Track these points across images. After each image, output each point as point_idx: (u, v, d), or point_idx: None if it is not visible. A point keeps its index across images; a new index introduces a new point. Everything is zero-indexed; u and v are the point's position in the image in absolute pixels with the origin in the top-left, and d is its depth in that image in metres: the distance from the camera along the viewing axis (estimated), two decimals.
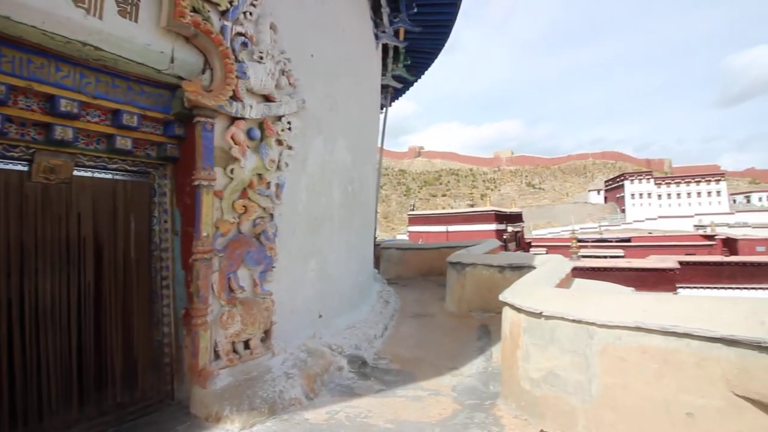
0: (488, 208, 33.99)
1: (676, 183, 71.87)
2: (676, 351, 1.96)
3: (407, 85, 10.14)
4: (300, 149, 3.88)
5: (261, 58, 3.45)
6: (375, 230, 9.39)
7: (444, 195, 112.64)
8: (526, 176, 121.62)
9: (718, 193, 68.49)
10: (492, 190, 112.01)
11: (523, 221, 39.87)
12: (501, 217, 32.08)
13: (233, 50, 3.19)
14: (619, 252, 29.50)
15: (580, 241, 32.90)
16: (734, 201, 71.18)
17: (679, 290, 18.35)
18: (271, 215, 3.49)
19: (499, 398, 2.88)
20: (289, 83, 3.75)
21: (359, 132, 5.50)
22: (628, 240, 34.82)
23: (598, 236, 41.41)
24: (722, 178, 70.42)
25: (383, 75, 8.39)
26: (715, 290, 18.74)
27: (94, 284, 2.76)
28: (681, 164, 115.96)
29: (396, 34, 7.47)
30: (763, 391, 1.76)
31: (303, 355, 3.54)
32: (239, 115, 3.23)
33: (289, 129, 3.70)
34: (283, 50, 3.69)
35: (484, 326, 4.98)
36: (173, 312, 3.16)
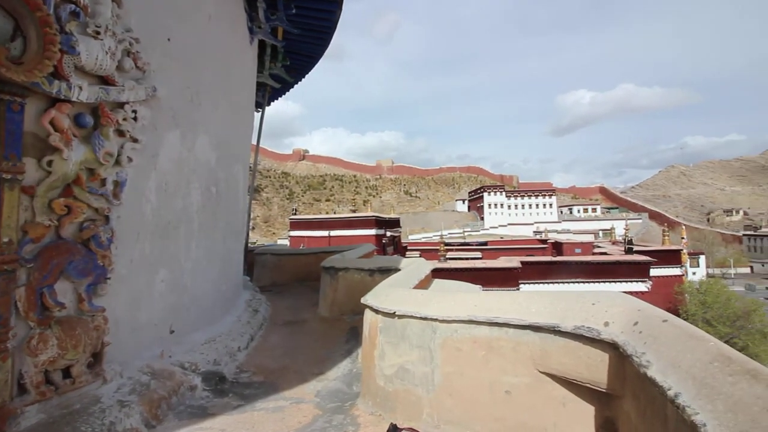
0: (369, 213, 35.18)
1: (521, 196, 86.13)
2: (498, 338, 2.30)
3: (287, 86, 9.89)
4: (149, 143, 3.41)
5: (97, 33, 2.93)
6: (247, 235, 8.85)
7: (328, 200, 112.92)
8: (405, 185, 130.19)
9: (551, 205, 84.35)
10: (374, 196, 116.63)
11: (400, 227, 42.48)
12: (381, 223, 33.54)
13: (58, 19, 2.64)
14: (478, 254, 33.68)
15: (447, 245, 36.53)
16: (561, 212, 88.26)
17: (521, 286, 21.82)
18: (106, 218, 2.98)
19: (359, 398, 2.98)
20: (137, 66, 3.27)
21: (228, 129, 5.13)
22: (485, 244, 40.01)
23: (462, 240, 46.70)
24: (553, 194, 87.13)
25: (260, 73, 8.02)
26: (547, 285, 22.79)
27: None
28: (525, 180, 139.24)
29: (274, 32, 7.22)
30: (557, 367, 2.18)
31: (145, 378, 3.09)
32: (63, 97, 2.68)
33: (134, 119, 3.22)
34: (129, 28, 3.21)
35: (353, 329, 5.10)
36: None
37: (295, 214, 34.22)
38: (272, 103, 10.77)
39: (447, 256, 27.38)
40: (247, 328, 4.98)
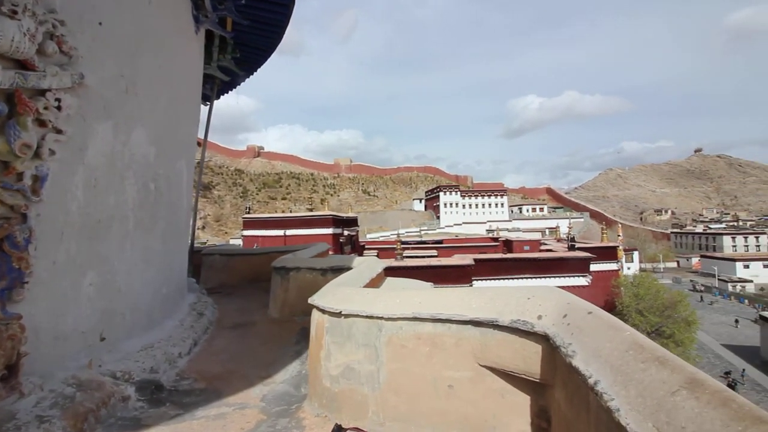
0: (326, 212, 34.80)
1: (475, 196, 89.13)
2: (441, 334, 2.35)
3: (237, 79, 9.52)
4: (77, 135, 3.14)
5: (14, 12, 2.64)
6: (193, 234, 8.43)
7: (284, 198, 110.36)
8: (363, 184, 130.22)
9: (502, 205, 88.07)
10: (332, 195, 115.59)
11: (358, 225, 42.43)
12: (338, 222, 33.31)
13: None
14: (434, 252, 34.46)
15: (404, 243, 37.04)
16: (512, 211, 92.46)
17: (474, 282, 22.61)
18: (24, 216, 2.70)
19: (305, 400, 2.93)
20: (61, 51, 2.99)
21: (169, 122, 4.83)
22: (441, 242, 41.03)
23: (419, 239, 47.51)
24: (505, 194, 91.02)
25: (208, 64, 7.65)
26: (498, 281, 23.75)
27: None
28: (479, 181, 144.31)
29: (222, 23, 6.92)
30: (496, 360, 2.27)
31: (70, 390, 2.83)
32: None
33: (58, 108, 2.94)
34: (53, 9, 2.93)
35: (304, 329, 4.99)
36: None
37: (248, 212, 33.10)
38: (222, 97, 10.35)
39: (404, 255, 27.74)
40: (190, 332, 4.74)
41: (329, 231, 30.89)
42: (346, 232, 34.54)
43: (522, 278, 23.87)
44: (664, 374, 1.21)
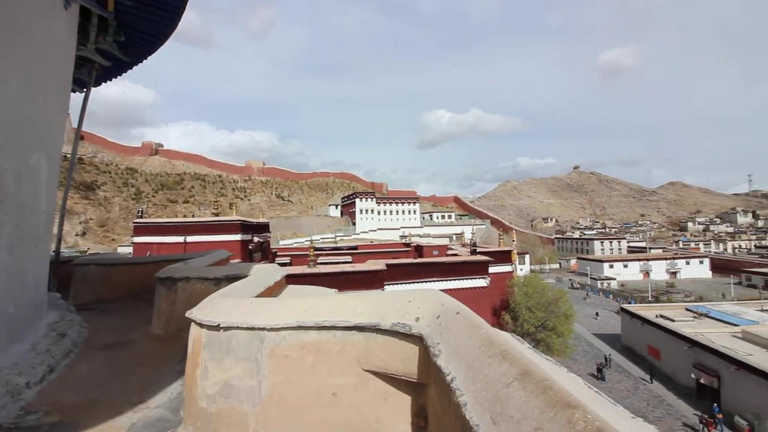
0: (234, 217, 32.63)
1: (390, 203, 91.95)
2: (326, 342, 2.32)
3: (123, 65, 8.46)
4: None
5: None
6: (59, 242, 7.24)
7: (187, 201, 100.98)
8: (277, 188, 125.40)
9: (415, 212, 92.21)
10: (242, 199, 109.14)
11: (270, 231, 40.57)
12: (248, 228, 31.42)
13: None
14: (349, 258, 34.49)
15: (319, 249, 36.46)
16: (423, 218, 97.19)
17: (386, 287, 23.13)
18: None
19: (180, 425, 2.64)
20: None
21: (21, 108, 4.07)
22: (356, 248, 41.27)
23: (334, 245, 47.19)
24: (417, 201, 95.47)
25: (83, 45, 6.67)
26: (409, 285, 24.62)
27: None
28: (394, 188, 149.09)
29: (101, 0, 6.12)
30: (379, 364, 2.30)
31: None
32: None
33: None
34: None
35: None
36: None
37: (141, 216, 29.40)
38: (106, 84, 9.12)
39: (318, 261, 27.28)
40: (45, 357, 4.00)
41: (237, 237, 28.96)
42: (256, 239, 32.77)
43: (431, 281, 25.07)
44: (504, 367, 1.33)
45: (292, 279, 8.68)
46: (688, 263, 74.19)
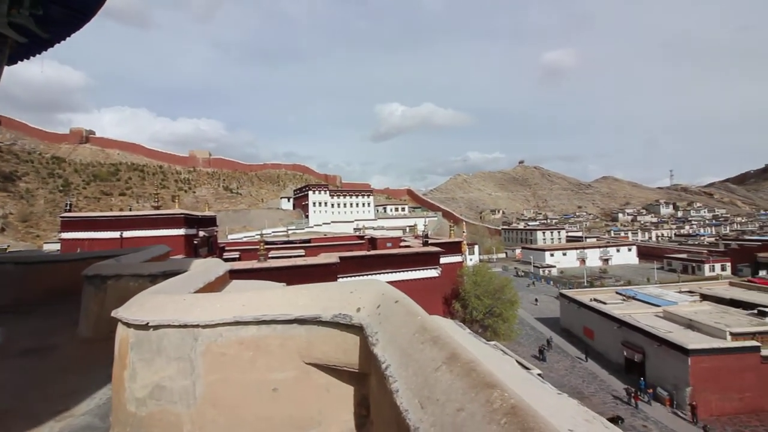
0: (177, 210, 30.73)
1: (344, 195, 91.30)
2: (266, 337, 2.26)
3: (42, 43, 7.59)
4: None
5: None
6: None
7: (123, 194, 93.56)
8: (224, 180, 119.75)
9: (369, 204, 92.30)
10: (186, 191, 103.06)
11: (217, 225, 38.73)
12: (192, 221, 29.75)
13: None
14: (302, 252, 33.87)
15: (270, 243, 35.46)
16: (377, 210, 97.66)
17: (339, 279, 23.05)
18: None
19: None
20: None
21: None
22: (309, 241, 40.62)
23: (286, 239, 46.10)
24: (371, 194, 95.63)
25: None
26: (363, 276, 24.72)
27: None
28: (348, 181, 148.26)
29: None
30: (321, 356, 2.28)
31: None
32: None
33: None
34: None
35: None
36: None
37: (69, 210, 26.78)
38: (18, 61, 8.14)
39: (269, 255, 26.51)
40: None
41: (180, 232, 27.32)
42: (201, 233, 31.13)
43: (384, 273, 25.37)
44: (434, 352, 1.37)
45: (238, 274, 8.35)
46: (618, 251, 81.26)
